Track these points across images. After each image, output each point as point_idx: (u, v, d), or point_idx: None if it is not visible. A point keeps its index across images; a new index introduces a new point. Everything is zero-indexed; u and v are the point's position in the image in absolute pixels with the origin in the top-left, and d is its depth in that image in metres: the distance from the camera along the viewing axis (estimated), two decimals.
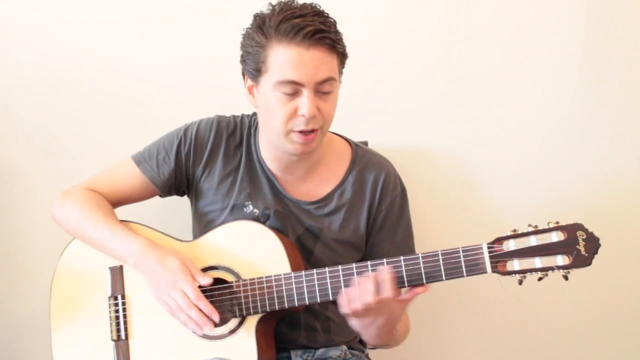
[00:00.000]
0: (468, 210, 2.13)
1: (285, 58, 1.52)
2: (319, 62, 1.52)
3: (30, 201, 2.09)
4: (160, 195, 1.76)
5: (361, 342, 1.85)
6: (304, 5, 1.57)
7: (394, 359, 2.08)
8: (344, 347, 1.76)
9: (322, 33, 1.51)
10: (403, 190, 1.77)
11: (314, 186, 1.71)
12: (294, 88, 1.53)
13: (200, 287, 1.56)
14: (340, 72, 1.61)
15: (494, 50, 2.11)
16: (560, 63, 2.12)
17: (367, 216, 1.72)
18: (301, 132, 1.55)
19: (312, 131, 1.56)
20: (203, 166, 1.71)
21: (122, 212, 1.73)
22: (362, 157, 1.74)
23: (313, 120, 1.55)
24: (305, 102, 1.53)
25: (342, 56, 1.58)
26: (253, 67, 1.57)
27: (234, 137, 1.72)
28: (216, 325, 1.56)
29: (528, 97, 2.13)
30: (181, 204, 1.83)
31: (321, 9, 1.57)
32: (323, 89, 1.55)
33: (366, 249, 1.75)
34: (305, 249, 1.69)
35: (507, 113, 2.13)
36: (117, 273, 1.67)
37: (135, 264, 1.61)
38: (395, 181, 1.76)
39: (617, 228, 2.12)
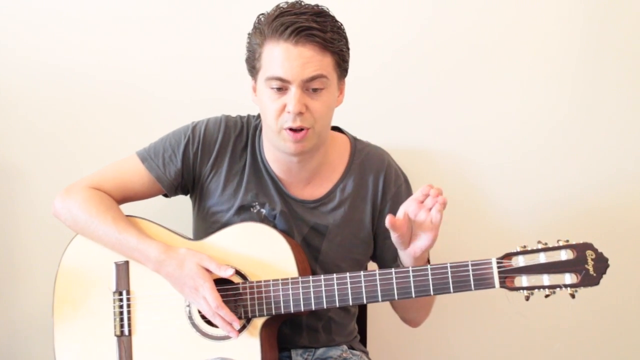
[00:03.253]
0: (468, 210, 2.13)
1: (273, 54, 1.53)
2: (307, 60, 1.52)
3: (30, 199, 2.06)
4: (166, 195, 1.74)
5: (361, 341, 1.87)
6: (307, 5, 1.57)
7: (394, 359, 2.10)
8: (345, 347, 1.77)
9: (310, 30, 1.51)
10: (406, 179, 1.78)
11: (317, 186, 1.71)
12: (282, 84, 1.54)
13: (221, 279, 1.57)
14: (339, 73, 1.60)
15: (495, 49, 2.09)
16: (560, 61, 2.11)
17: (372, 209, 1.72)
18: (291, 129, 1.56)
19: (302, 129, 1.56)
20: (210, 166, 1.69)
21: (125, 208, 1.71)
22: (361, 150, 1.74)
23: (301, 117, 1.54)
24: (290, 99, 1.54)
25: (338, 56, 1.57)
26: (252, 65, 1.60)
27: (241, 138, 1.71)
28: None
29: (528, 96, 2.12)
30: (182, 202, 1.81)
31: (323, 10, 1.57)
32: (312, 86, 1.55)
33: (377, 244, 1.75)
34: (313, 248, 1.69)
35: (507, 112, 2.12)
36: (122, 268, 1.66)
37: (155, 269, 1.61)
38: (397, 171, 1.76)
39: (620, 228, 2.13)
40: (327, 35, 1.53)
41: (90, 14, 2.03)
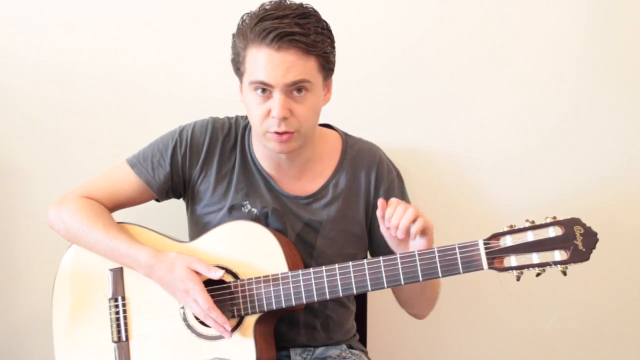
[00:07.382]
0: (467, 209, 2.12)
1: (256, 59, 1.54)
2: (290, 64, 1.52)
3: (31, 201, 2.09)
4: (157, 200, 1.76)
5: (361, 341, 1.86)
6: (290, 5, 1.56)
7: (394, 358, 2.07)
8: (344, 346, 1.76)
9: (292, 36, 1.50)
10: (398, 174, 1.78)
11: (309, 181, 1.71)
12: (265, 89, 1.55)
13: (211, 281, 1.58)
14: (324, 74, 1.59)
15: (493, 49, 2.10)
16: (559, 61, 2.10)
17: (365, 204, 1.72)
18: (276, 132, 1.56)
19: (287, 133, 1.56)
20: (199, 168, 1.72)
21: (117, 213, 1.74)
22: (352, 146, 1.74)
23: (285, 122, 1.55)
24: (274, 104, 1.54)
25: (322, 58, 1.56)
26: (236, 67, 1.61)
27: (229, 138, 1.73)
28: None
29: (526, 95, 2.11)
30: (176, 205, 1.83)
31: (307, 11, 1.56)
32: (295, 91, 1.55)
33: (373, 238, 1.74)
34: (307, 244, 1.69)
35: (506, 112, 2.12)
36: (117, 275, 1.68)
37: (146, 274, 1.63)
38: (389, 166, 1.76)
39: (615, 226, 2.10)
40: (309, 39, 1.53)
41: (90, 14, 2.06)
